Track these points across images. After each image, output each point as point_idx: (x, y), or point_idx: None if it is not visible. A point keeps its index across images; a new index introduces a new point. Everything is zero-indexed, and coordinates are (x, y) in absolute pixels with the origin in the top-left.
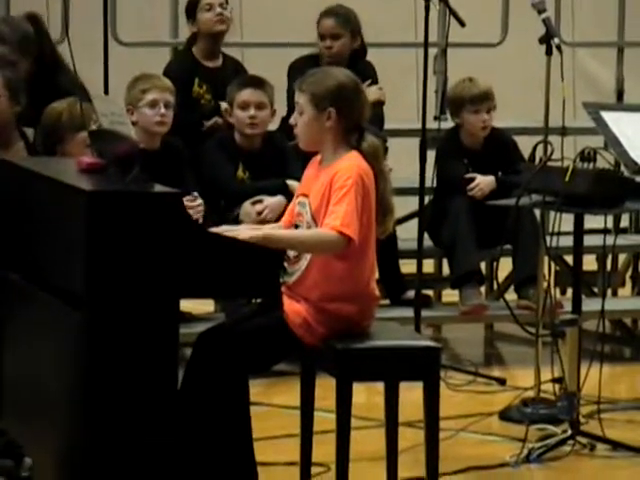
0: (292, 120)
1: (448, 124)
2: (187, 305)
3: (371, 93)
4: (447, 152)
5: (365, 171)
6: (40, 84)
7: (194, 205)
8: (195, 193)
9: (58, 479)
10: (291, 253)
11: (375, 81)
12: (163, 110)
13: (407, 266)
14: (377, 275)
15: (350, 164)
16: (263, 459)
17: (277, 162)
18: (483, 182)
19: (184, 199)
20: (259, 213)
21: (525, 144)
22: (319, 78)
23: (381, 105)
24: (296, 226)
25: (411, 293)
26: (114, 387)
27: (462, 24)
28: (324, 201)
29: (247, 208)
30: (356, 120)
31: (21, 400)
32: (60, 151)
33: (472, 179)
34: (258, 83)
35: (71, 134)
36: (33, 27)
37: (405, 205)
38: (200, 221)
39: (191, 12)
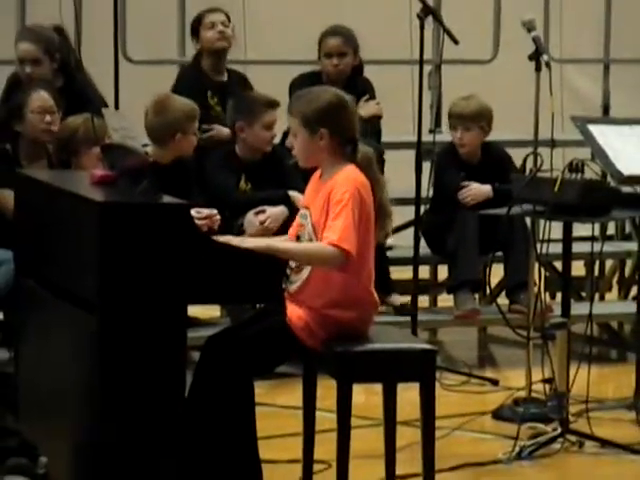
0: (288, 142)
1: (442, 137)
2: (195, 310)
3: (369, 108)
4: (445, 164)
5: (361, 183)
6: (66, 92)
7: (212, 215)
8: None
9: (72, 476)
10: (293, 263)
11: (373, 96)
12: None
13: (404, 272)
14: None
15: (347, 178)
16: (267, 457)
17: (278, 174)
18: (477, 189)
19: (205, 210)
20: (262, 223)
21: (516, 156)
22: (305, 101)
23: (379, 119)
24: (298, 237)
25: (395, 297)
26: (126, 388)
27: (455, 42)
28: (323, 214)
29: (250, 218)
30: (348, 134)
31: (37, 401)
32: (74, 163)
33: (467, 186)
34: (277, 103)
35: (86, 148)
36: (59, 37)
37: (402, 214)
38: (214, 230)
39: (195, 30)
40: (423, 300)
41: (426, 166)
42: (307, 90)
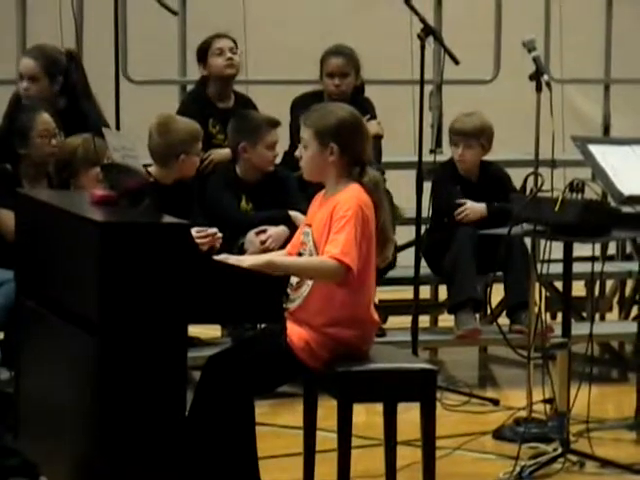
0: (297, 153)
1: (443, 157)
2: (195, 330)
3: (370, 127)
4: (443, 179)
5: (365, 202)
6: (69, 114)
7: (212, 233)
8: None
9: None
10: (293, 280)
11: (374, 116)
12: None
13: (404, 293)
14: None
15: (350, 196)
16: (268, 477)
17: (279, 194)
18: (471, 208)
19: (206, 230)
20: (263, 242)
21: (517, 176)
22: (323, 114)
23: (379, 139)
24: (299, 254)
25: None
26: (126, 408)
27: (456, 62)
28: (325, 231)
29: (251, 237)
30: (358, 155)
31: (37, 421)
32: (74, 184)
33: (462, 204)
34: (278, 123)
35: (85, 168)
36: (70, 62)
37: (403, 234)
38: (216, 249)
39: (202, 56)
40: (424, 320)
41: (427, 186)
42: (325, 104)
